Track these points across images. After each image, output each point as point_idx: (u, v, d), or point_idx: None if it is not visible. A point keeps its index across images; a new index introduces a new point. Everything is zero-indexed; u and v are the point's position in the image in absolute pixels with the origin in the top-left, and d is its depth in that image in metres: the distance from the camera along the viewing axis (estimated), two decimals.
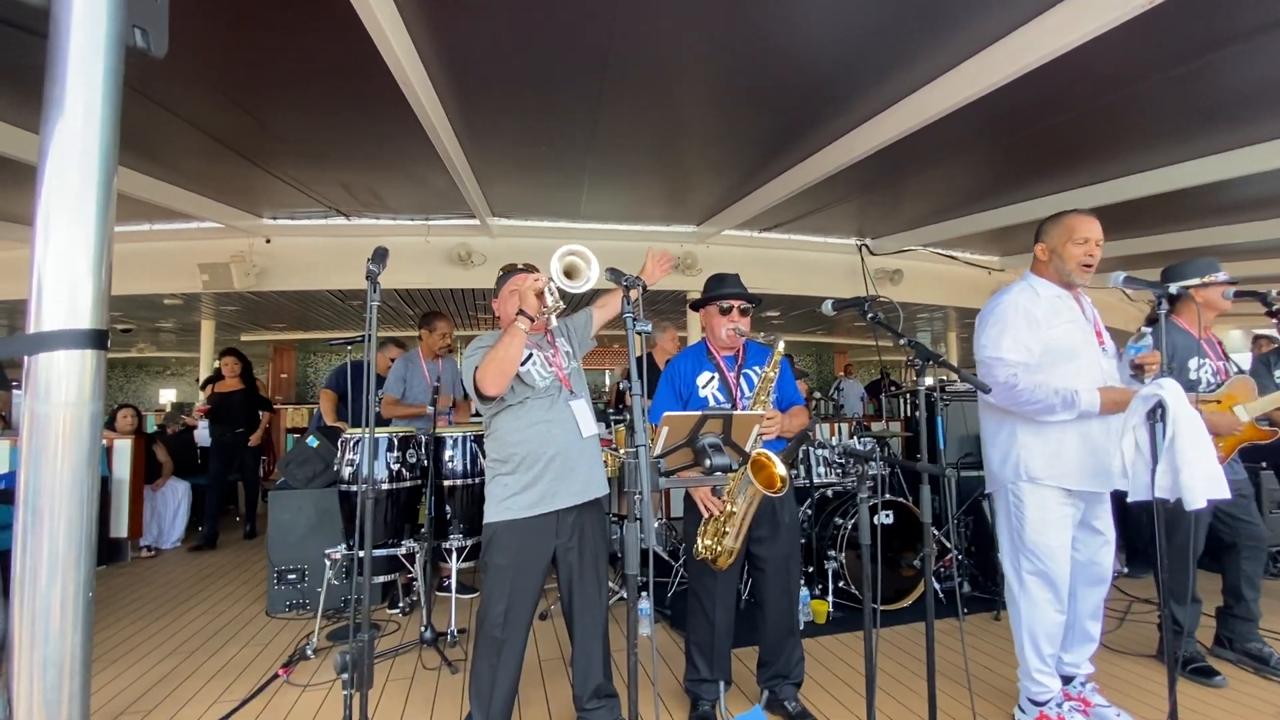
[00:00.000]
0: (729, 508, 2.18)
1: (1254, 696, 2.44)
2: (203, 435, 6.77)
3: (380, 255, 1.50)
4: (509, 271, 2.30)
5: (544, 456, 2.07)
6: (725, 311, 2.40)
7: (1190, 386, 2.56)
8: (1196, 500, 1.82)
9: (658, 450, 1.47)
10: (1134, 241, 6.10)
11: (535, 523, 2.06)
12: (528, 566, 2.06)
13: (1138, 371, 2.07)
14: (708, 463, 1.41)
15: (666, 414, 1.49)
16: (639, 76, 3.21)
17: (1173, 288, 2.10)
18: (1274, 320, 2.44)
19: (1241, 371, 2.65)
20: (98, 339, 0.77)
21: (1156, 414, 1.94)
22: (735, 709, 2.37)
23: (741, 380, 2.39)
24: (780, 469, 1.80)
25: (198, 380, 8.16)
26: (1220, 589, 2.81)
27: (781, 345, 2.25)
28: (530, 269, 2.29)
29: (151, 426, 6.91)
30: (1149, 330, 2.09)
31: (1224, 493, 1.89)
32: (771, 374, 2.26)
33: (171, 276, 5.78)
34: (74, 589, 0.78)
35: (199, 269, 5.53)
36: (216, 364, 6.05)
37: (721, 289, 2.43)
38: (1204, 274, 2.56)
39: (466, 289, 6.69)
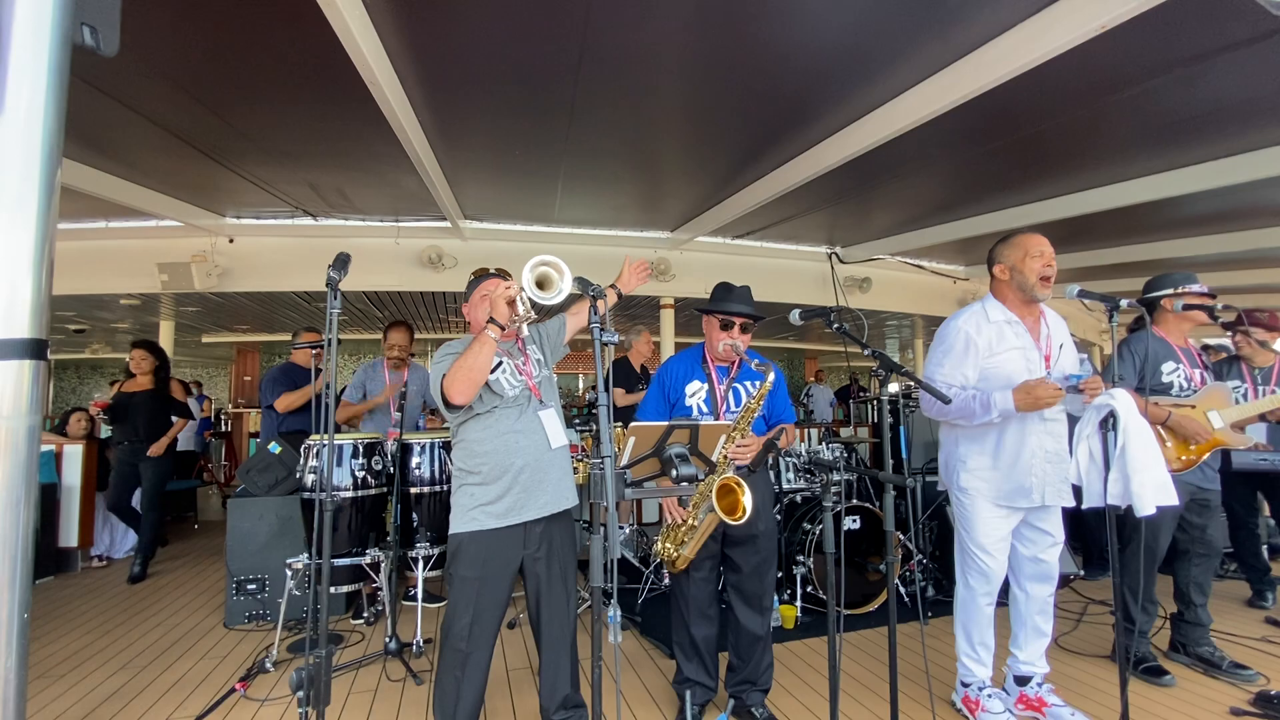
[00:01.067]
0: (690, 521, 2.18)
1: (1202, 696, 2.53)
2: None
3: (342, 261, 1.46)
4: (480, 276, 2.27)
5: (513, 467, 2.05)
6: (726, 326, 2.35)
7: (1163, 390, 2.68)
8: (1146, 507, 1.89)
9: (624, 460, 1.47)
10: (1089, 254, 6.32)
11: (503, 534, 2.03)
12: (494, 578, 2.03)
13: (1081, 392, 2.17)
14: (674, 473, 1.41)
15: (634, 424, 1.49)
16: (613, 81, 3.21)
17: (1124, 302, 2.18)
18: (1227, 331, 2.55)
19: (1219, 379, 2.76)
20: (36, 349, 0.74)
21: (1109, 423, 2.02)
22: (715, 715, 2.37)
23: (730, 394, 2.38)
24: (747, 499, 1.79)
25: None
26: (1172, 592, 2.91)
27: (772, 376, 2.18)
28: (502, 274, 2.26)
29: (105, 431, 6.67)
30: (1085, 357, 2.20)
31: (1172, 499, 1.97)
32: (755, 405, 2.20)
33: (129, 276, 5.58)
34: (8, 611, 0.75)
35: (158, 268, 5.34)
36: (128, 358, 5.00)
37: (727, 303, 2.36)
38: (1175, 286, 2.67)
39: (437, 292, 6.60)
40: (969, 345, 2.26)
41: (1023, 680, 2.38)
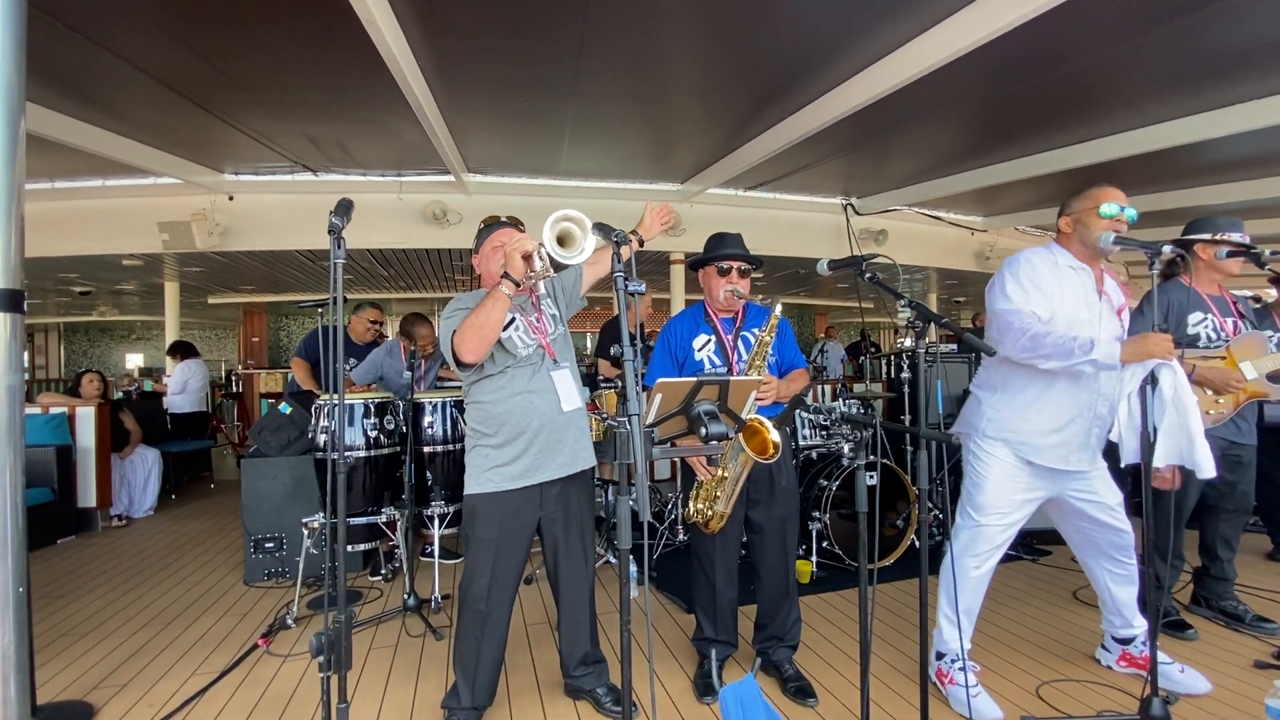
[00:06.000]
0: (720, 472, 2.14)
1: (1225, 650, 2.52)
2: (172, 401, 6.57)
3: (345, 207, 1.36)
4: (491, 225, 2.15)
5: (529, 428, 1.99)
6: (724, 273, 2.32)
7: (1190, 342, 2.55)
8: (1209, 470, 1.82)
9: (650, 418, 1.40)
10: None
11: (519, 495, 1.99)
12: (511, 540, 2.00)
13: None
14: (703, 431, 1.35)
15: (660, 380, 1.42)
16: (622, 22, 3.03)
17: (1166, 248, 2.05)
18: (1271, 285, 2.42)
19: (1255, 328, 2.63)
20: (12, 300, 0.67)
21: (1149, 380, 1.93)
22: (738, 674, 2.37)
23: (739, 343, 2.33)
24: (774, 435, 1.75)
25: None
26: (1197, 546, 2.87)
27: (779, 308, 2.18)
28: (514, 223, 2.16)
29: (117, 393, 6.69)
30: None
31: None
32: (768, 338, 2.20)
33: (130, 236, 5.49)
34: (0, 584, 0.70)
35: (158, 228, 5.24)
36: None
37: (721, 249, 2.34)
38: (1212, 232, 2.53)
39: (443, 249, 6.48)
40: (1034, 279, 2.08)
41: (1126, 641, 2.33)
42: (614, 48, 3.29)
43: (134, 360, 14.38)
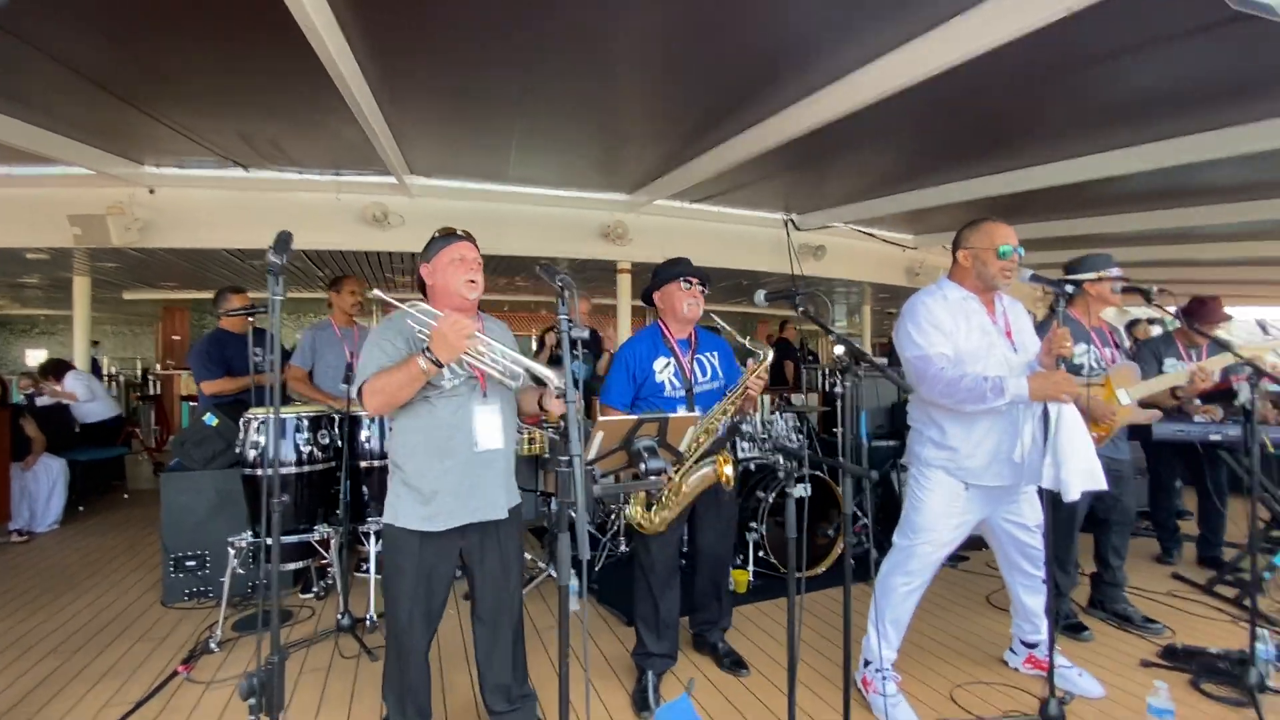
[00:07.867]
0: (681, 486, 2.24)
1: (1117, 650, 2.77)
2: (87, 410, 6.09)
3: (284, 242, 1.31)
4: (447, 236, 1.98)
5: (440, 468, 1.88)
6: (689, 286, 2.49)
7: (1075, 370, 2.78)
8: (1073, 493, 2.00)
9: (591, 454, 1.44)
10: (1028, 227, 6.55)
11: (436, 534, 1.90)
12: (431, 573, 1.92)
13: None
14: (643, 466, 1.39)
15: (601, 419, 1.46)
16: (573, 36, 3.05)
17: (1069, 287, 2.23)
18: (1168, 312, 2.67)
19: (1132, 358, 2.88)
20: None
21: (1044, 406, 2.11)
22: (677, 688, 2.42)
23: (695, 366, 2.49)
24: (728, 469, 1.87)
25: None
26: (1093, 553, 3.12)
27: (770, 355, 2.34)
28: (468, 237, 2.05)
29: (17, 397, 6.19)
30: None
31: (1100, 484, 2.07)
32: (756, 385, 2.33)
33: (36, 228, 5.07)
34: None
35: (69, 221, 4.88)
36: None
37: (683, 267, 2.55)
38: (1099, 269, 2.76)
39: (383, 252, 6.31)
40: (935, 320, 2.22)
41: (1032, 645, 2.53)
42: (565, 56, 3.28)
43: (36, 357, 13.28)
